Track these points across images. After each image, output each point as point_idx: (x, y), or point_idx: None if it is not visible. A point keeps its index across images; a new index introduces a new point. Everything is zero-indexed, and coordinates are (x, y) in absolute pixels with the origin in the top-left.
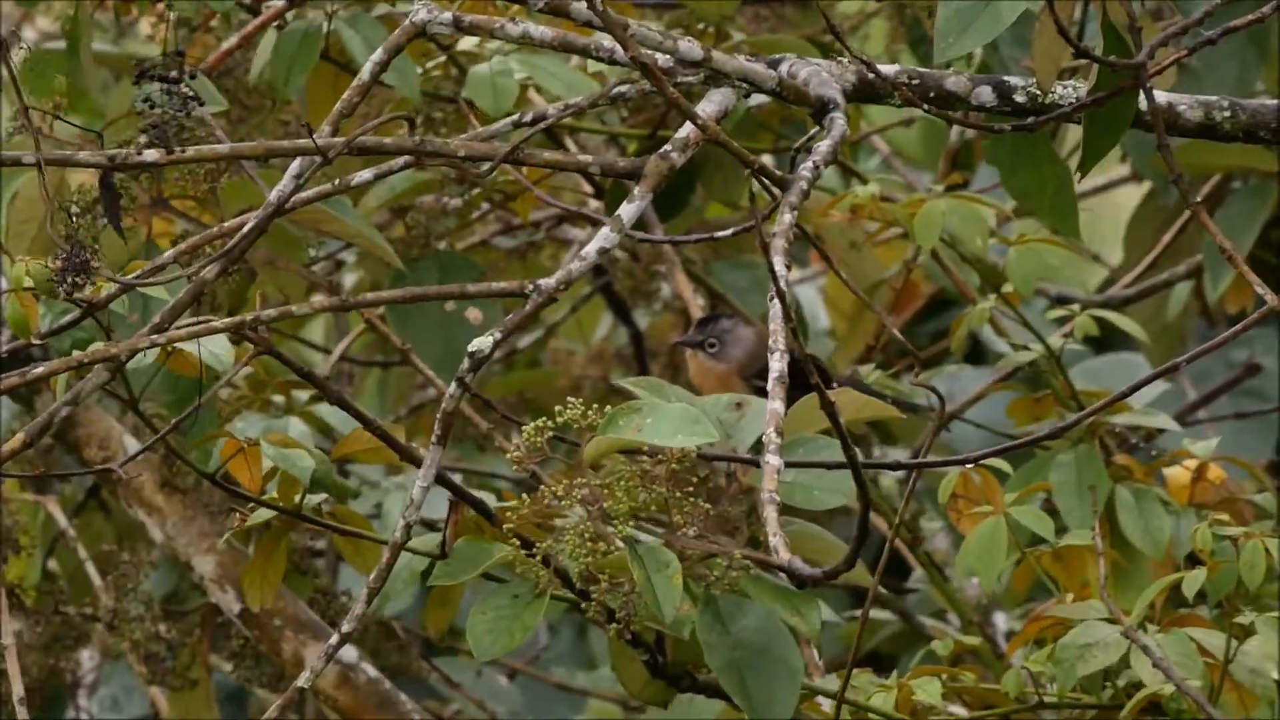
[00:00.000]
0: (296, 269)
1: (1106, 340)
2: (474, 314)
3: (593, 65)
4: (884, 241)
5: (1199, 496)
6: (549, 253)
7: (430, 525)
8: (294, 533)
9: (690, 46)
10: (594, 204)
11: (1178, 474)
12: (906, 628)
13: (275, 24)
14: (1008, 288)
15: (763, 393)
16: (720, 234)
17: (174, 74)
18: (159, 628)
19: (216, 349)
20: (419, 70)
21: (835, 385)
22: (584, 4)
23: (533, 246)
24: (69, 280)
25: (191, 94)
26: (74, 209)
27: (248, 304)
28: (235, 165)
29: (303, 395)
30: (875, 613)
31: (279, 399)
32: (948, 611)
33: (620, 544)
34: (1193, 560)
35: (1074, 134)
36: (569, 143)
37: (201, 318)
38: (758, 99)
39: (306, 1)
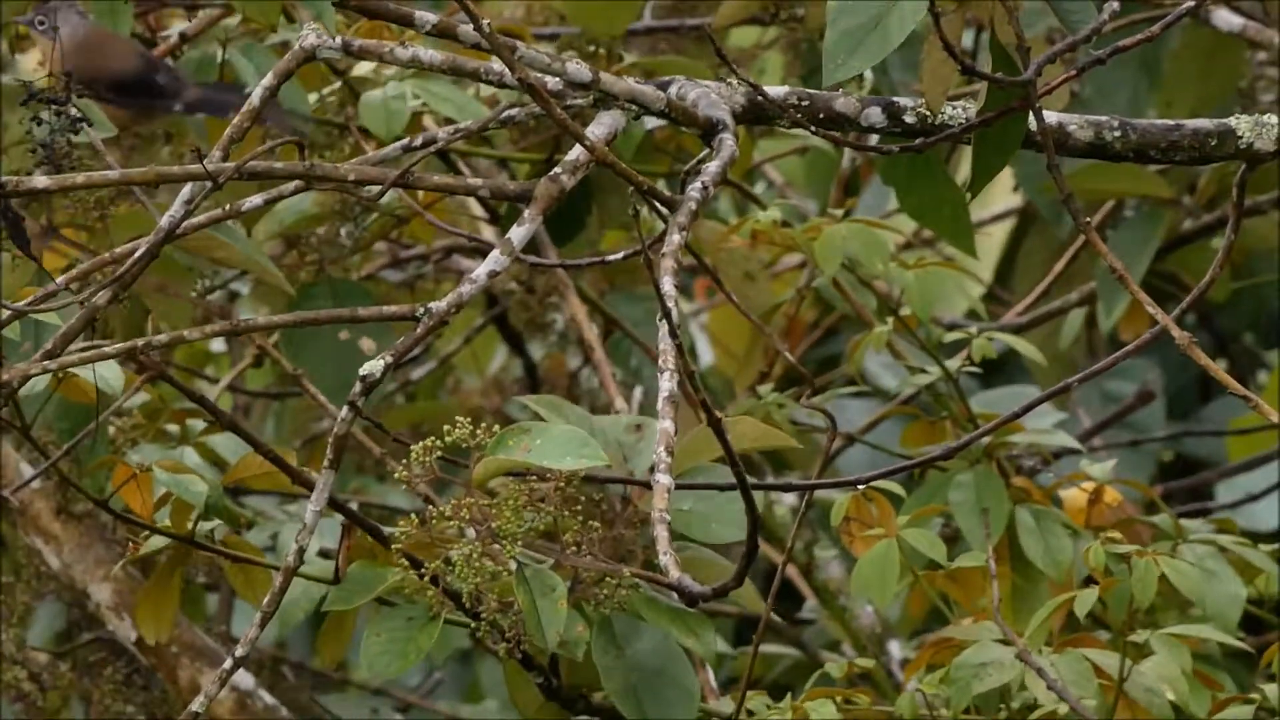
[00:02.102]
0: (188, 297)
1: (998, 371)
2: (367, 343)
3: (486, 89)
4: (778, 272)
5: (1096, 519)
6: (439, 285)
7: (325, 555)
8: (189, 564)
9: (579, 69)
10: (488, 232)
11: (1075, 496)
12: (802, 659)
13: (170, 55)
14: (905, 311)
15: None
16: (611, 257)
17: (62, 95)
18: (31, 668)
19: (109, 375)
20: (314, 96)
21: None
22: (472, 28)
23: (422, 278)
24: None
25: (80, 115)
26: None
27: (141, 333)
28: (127, 194)
29: (198, 425)
30: (770, 645)
31: (174, 428)
32: (843, 643)
33: (510, 565)
34: (1089, 582)
35: (969, 155)
36: (462, 168)
37: (93, 343)
38: (653, 123)
39: (201, 32)
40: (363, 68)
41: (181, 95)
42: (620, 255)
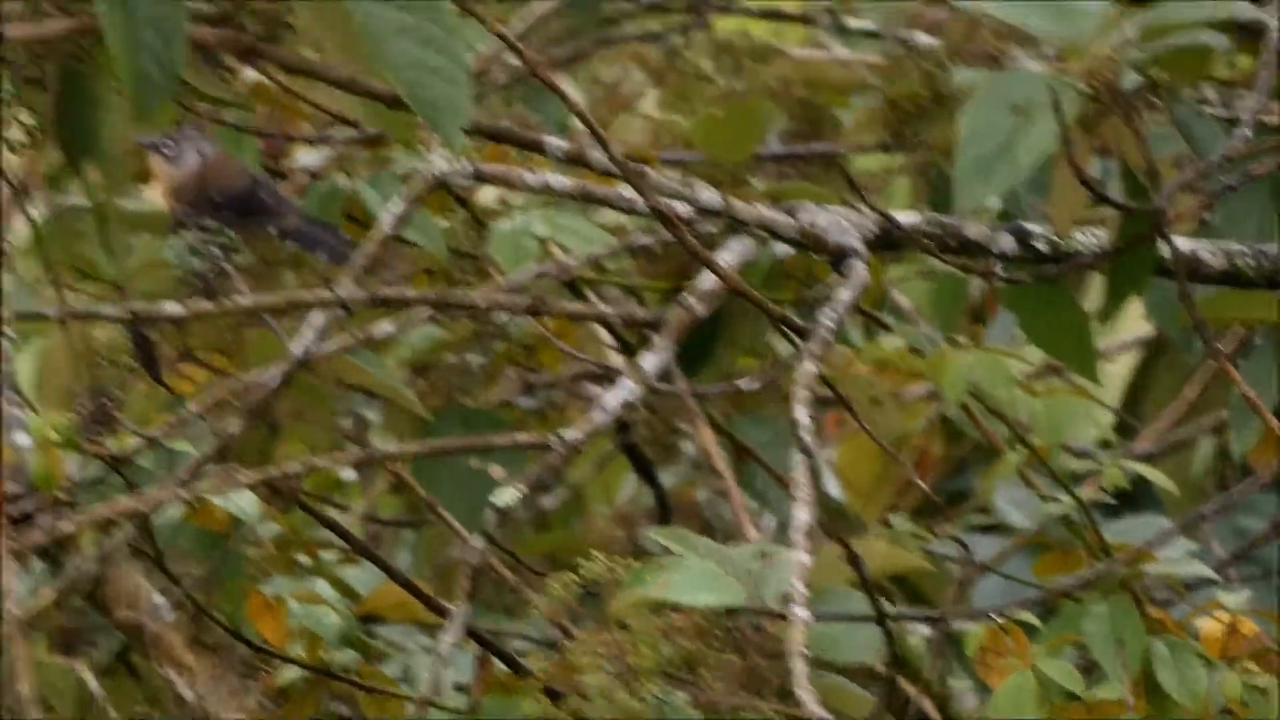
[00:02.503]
0: (321, 424)
1: (1128, 501)
2: (499, 470)
3: (611, 215)
4: (904, 401)
5: (1232, 650)
6: (569, 412)
7: (459, 687)
8: (323, 696)
9: (710, 195)
10: (617, 359)
11: (1210, 627)
12: None
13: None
14: (1035, 440)
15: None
16: (743, 384)
17: (211, 225)
18: None
19: (243, 503)
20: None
21: None
22: (603, 155)
23: (551, 405)
24: (91, 433)
25: (231, 242)
26: (100, 364)
27: (274, 460)
28: (259, 320)
29: (330, 557)
30: None
31: (306, 560)
32: None
33: (647, 700)
34: (1227, 714)
35: (1095, 278)
36: (591, 295)
37: (228, 471)
38: (781, 248)
39: (327, 167)
40: (488, 194)
41: (282, 218)
42: (752, 383)
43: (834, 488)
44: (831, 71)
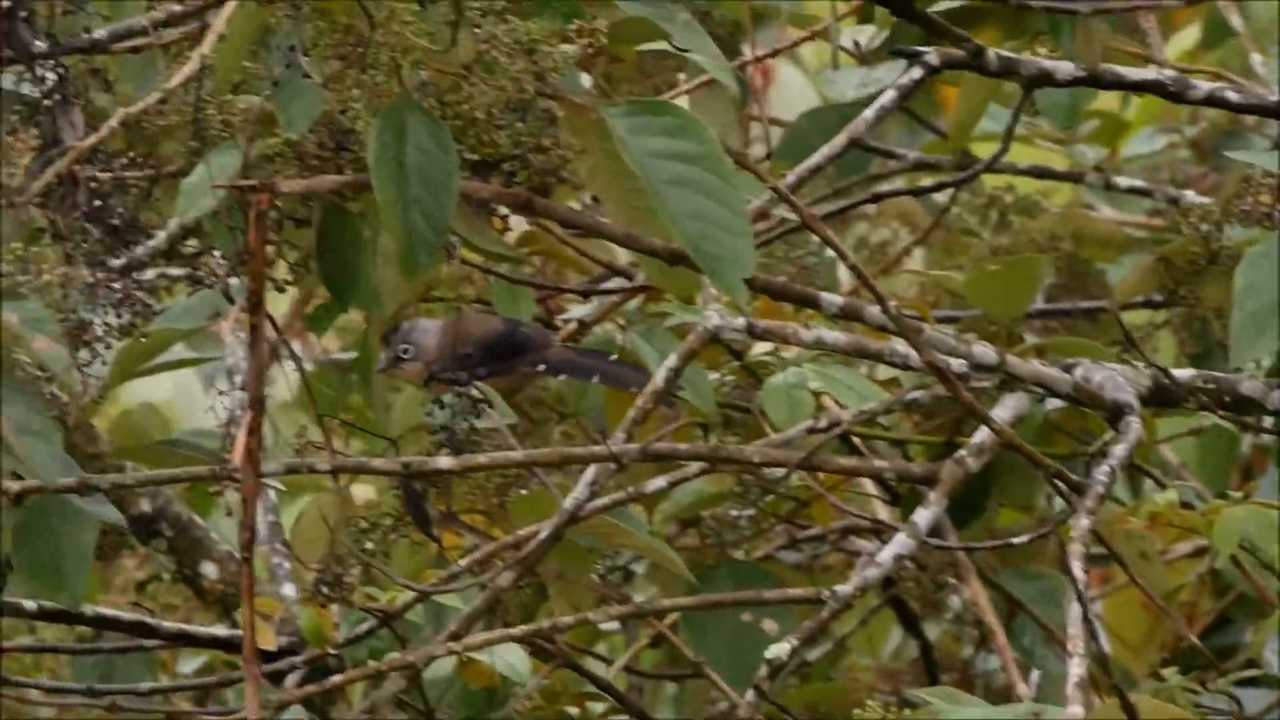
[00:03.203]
0: (587, 581)
1: None
2: (769, 625)
3: (884, 371)
4: (1171, 559)
5: None
6: (838, 567)
7: None
8: None
9: (985, 351)
10: (883, 512)
11: None
12: None
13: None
14: None
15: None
16: (1015, 540)
17: (464, 378)
18: None
19: (512, 659)
20: (711, 376)
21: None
22: (878, 309)
23: (818, 559)
24: (322, 593)
25: (481, 397)
26: (365, 520)
27: (539, 618)
28: (525, 479)
29: (597, 707)
30: None
31: (573, 711)
32: None
33: None
34: None
35: None
36: (862, 449)
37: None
38: (1053, 403)
39: (601, 318)
40: (760, 348)
41: (546, 353)
42: (1025, 539)
43: (1104, 642)
44: (1098, 226)
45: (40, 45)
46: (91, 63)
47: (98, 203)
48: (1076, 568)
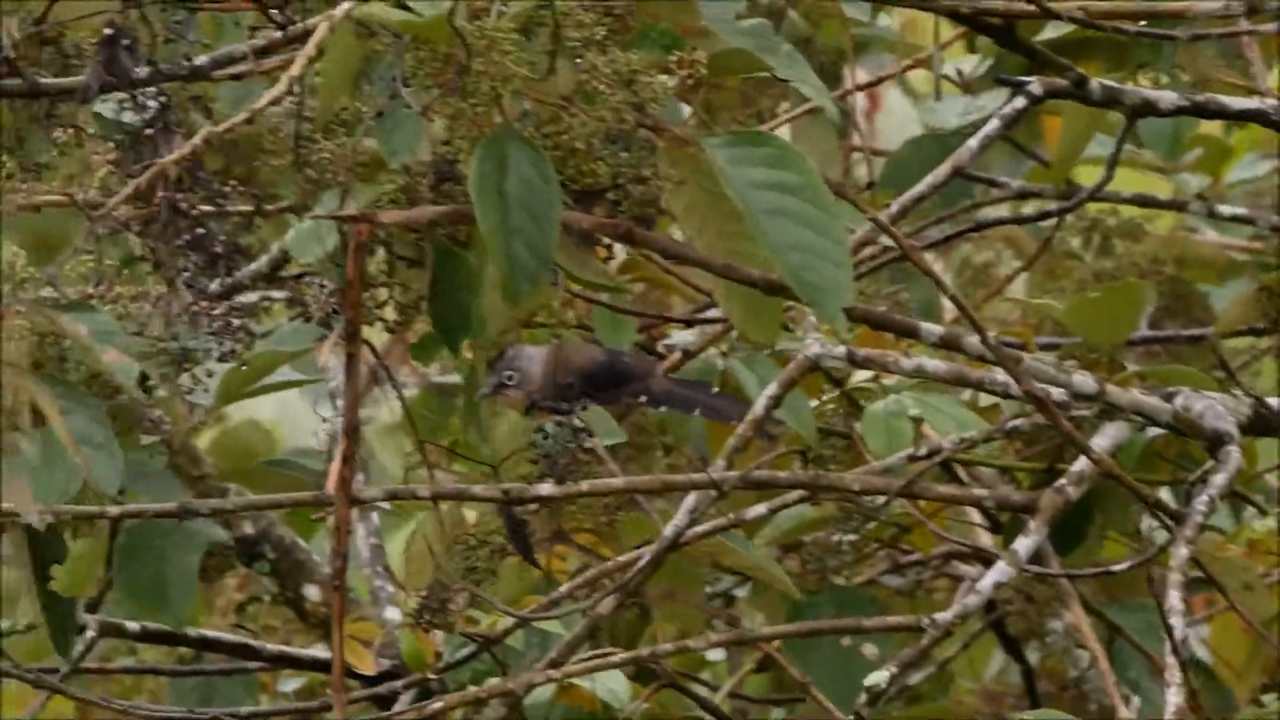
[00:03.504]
0: (693, 603)
1: None
2: (869, 649)
3: (984, 398)
4: (1271, 580)
5: None
6: (939, 591)
7: None
8: None
9: (1084, 380)
10: (984, 538)
11: None
12: None
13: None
14: None
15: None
16: (1115, 568)
17: (566, 407)
18: None
19: (614, 684)
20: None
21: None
22: (977, 339)
23: (920, 584)
24: (425, 619)
25: (583, 425)
26: (470, 544)
27: (643, 641)
28: (630, 502)
29: None
30: None
31: None
32: None
33: None
34: None
35: None
36: (963, 476)
37: (598, 651)
38: (1152, 431)
39: (704, 348)
40: (859, 376)
41: (648, 384)
42: (1125, 566)
43: (1208, 665)
44: (1201, 249)
45: (141, 73)
46: (192, 90)
47: (199, 230)
48: (1173, 598)
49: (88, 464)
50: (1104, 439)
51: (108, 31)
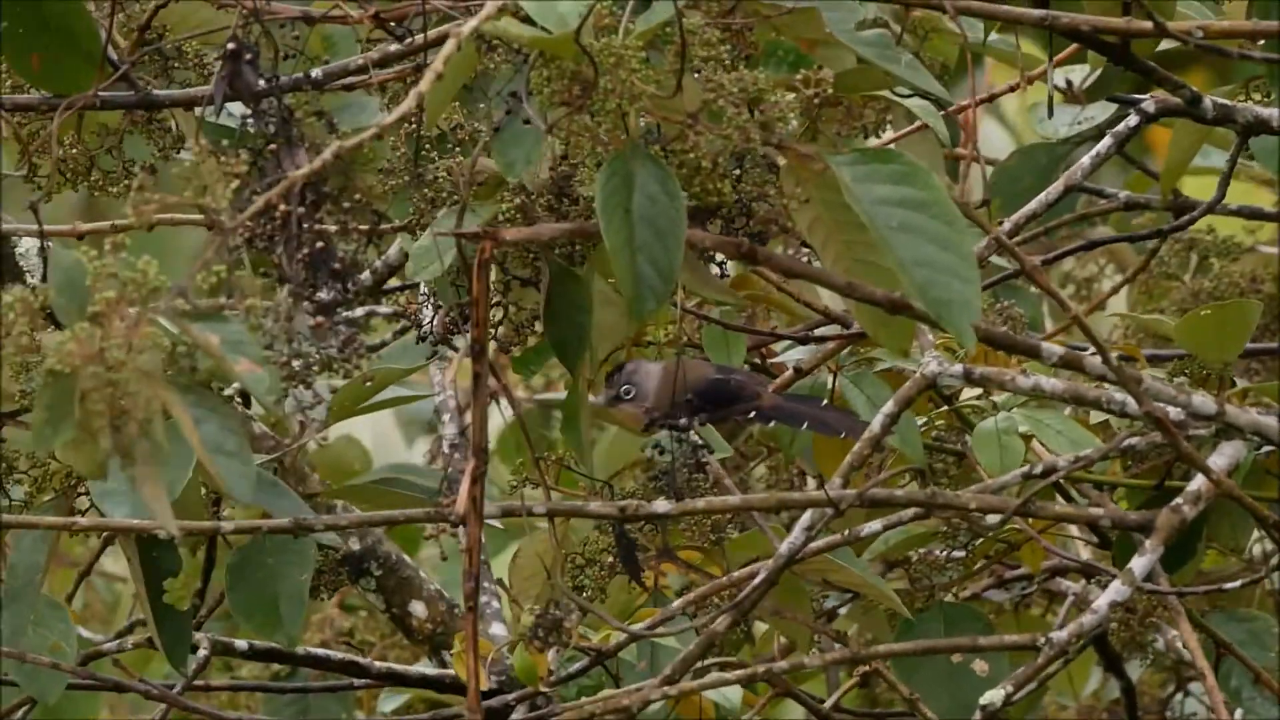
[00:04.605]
0: (801, 620)
1: None
2: (980, 665)
3: (1093, 415)
4: None
5: None
6: (1043, 607)
7: None
8: None
9: (1203, 400)
10: (1085, 552)
11: None
12: None
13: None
14: None
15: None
16: (1227, 585)
17: (683, 421)
18: None
19: (728, 691)
20: (919, 420)
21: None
22: (1098, 359)
23: (1025, 600)
24: (540, 637)
25: (701, 442)
26: (578, 562)
27: (745, 653)
28: (740, 518)
29: None
30: None
31: None
32: None
33: None
34: None
35: None
36: (1072, 493)
37: (712, 661)
38: (1267, 448)
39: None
40: (969, 392)
41: (758, 402)
42: (1239, 584)
43: None
44: None
45: (263, 86)
46: (317, 104)
47: (320, 244)
48: None
49: (220, 473)
50: (1221, 458)
51: (230, 46)
